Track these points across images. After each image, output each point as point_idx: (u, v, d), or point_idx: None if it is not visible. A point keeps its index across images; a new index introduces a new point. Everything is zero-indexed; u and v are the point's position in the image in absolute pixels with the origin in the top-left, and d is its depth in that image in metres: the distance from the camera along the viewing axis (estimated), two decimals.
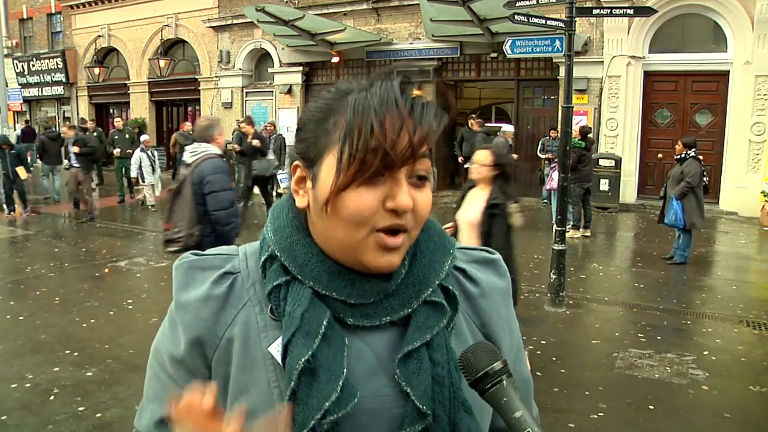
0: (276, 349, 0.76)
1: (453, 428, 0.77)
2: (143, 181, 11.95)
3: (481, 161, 3.86)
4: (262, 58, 17.47)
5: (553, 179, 8.95)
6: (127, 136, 13.09)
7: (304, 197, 0.80)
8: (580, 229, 9.34)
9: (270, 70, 16.99)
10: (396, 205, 0.73)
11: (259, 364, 0.77)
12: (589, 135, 9.67)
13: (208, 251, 0.85)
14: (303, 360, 0.72)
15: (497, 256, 0.92)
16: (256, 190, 10.87)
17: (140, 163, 11.77)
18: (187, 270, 0.83)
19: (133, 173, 11.91)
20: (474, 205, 3.91)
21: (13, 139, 14.04)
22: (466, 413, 0.78)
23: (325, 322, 0.75)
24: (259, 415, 0.74)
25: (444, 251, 0.84)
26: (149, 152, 11.90)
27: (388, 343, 0.79)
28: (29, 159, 12.92)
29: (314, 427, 0.72)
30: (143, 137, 12.58)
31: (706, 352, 4.81)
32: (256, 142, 9.85)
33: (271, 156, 10.24)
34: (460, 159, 13.08)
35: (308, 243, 0.79)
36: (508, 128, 9.95)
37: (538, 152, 12.83)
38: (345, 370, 0.74)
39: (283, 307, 0.77)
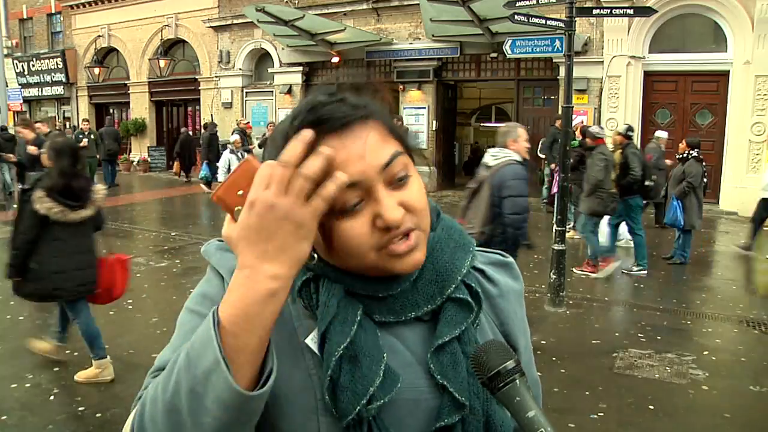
0: (312, 341, 0.76)
1: (487, 420, 0.79)
2: None
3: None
4: (262, 58, 17.47)
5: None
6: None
7: None
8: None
9: (270, 70, 16.99)
10: (386, 222, 0.72)
11: (295, 353, 0.77)
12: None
13: None
14: (342, 346, 0.73)
15: (511, 259, 0.94)
16: None
17: (229, 166, 10.27)
18: (218, 249, 0.84)
19: (221, 177, 10.45)
20: None
21: None
22: (498, 405, 0.79)
23: (359, 311, 0.77)
24: (296, 402, 0.74)
25: (464, 249, 0.85)
26: (239, 154, 10.35)
27: (417, 338, 0.80)
28: None
29: (360, 412, 0.72)
30: (233, 137, 10.89)
31: (706, 352, 4.81)
32: (32, 149, 7.63)
33: None
34: (552, 165, 10.95)
35: (320, 260, 0.79)
36: (661, 134, 9.66)
37: (538, 152, 12.82)
38: (385, 355, 0.75)
39: (316, 299, 0.78)
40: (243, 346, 0.64)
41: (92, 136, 13.23)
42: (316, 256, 0.75)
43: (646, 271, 7.20)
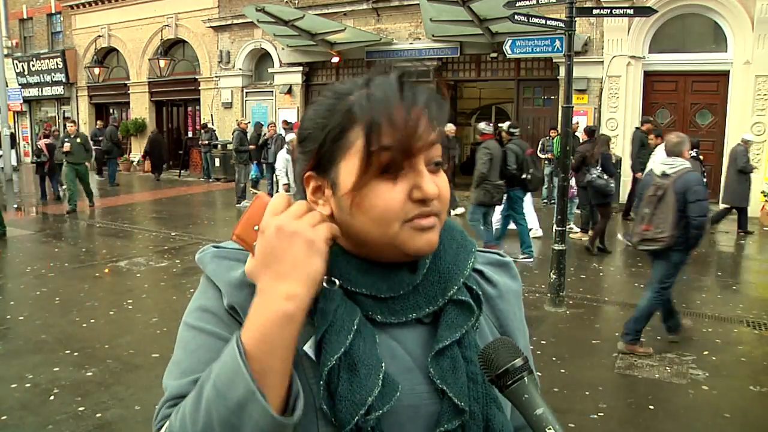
0: (310, 348, 0.76)
1: (487, 424, 0.79)
2: (290, 191, 9.46)
3: None
4: (262, 58, 17.48)
5: (572, 186, 8.91)
6: None
7: (325, 206, 0.79)
8: (589, 232, 9.29)
9: (270, 70, 16.99)
10: (423, 194, 0.74)
11: (294, 360, 0.76)
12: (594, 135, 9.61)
13: (229, 245, 0.84)
14: (336, 356, 0.73)
15: (509, 259, 0.94)
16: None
17: (287, 168, 9.51)
18: (214, 258, 0.82)
19: (283, 180, 9.63)
20: None
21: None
22: (498, 410, 0.80)
23: (357, 319, 0.76)
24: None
25: (466, 250, 0.86)
26: None
27: (418, 341, 0.80)
28: None
29: (358, 423, 0.72)
30: (289, 137, 10.09)
31: (706, 352, 4.81)
32: None
33: None
34: (638, 175, 9.40)
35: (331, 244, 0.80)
36: (748, 137, 9.68)
37: (538, 152, 12.83)
38: (383, 364, 0.75)
39: (314, 305, 0.77)
40: (267, 369, 0.66)
41: (78, 140, 11.69)
42: (336, 281, 0.77)
43: (532, 258, 7.66)
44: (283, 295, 0.67)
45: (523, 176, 7.49)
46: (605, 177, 8.06)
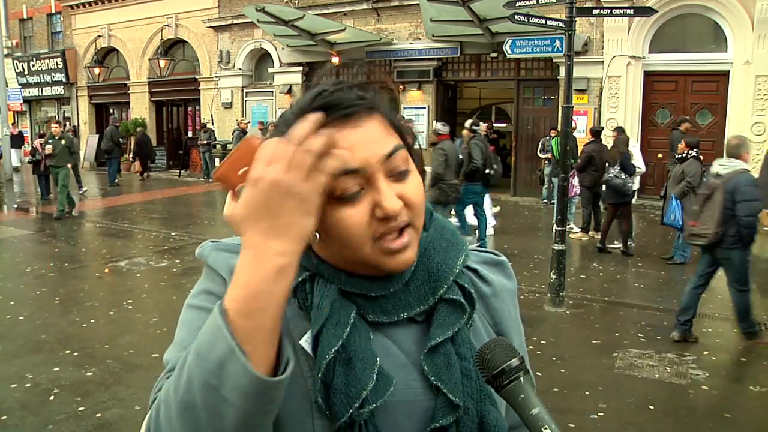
0: (306, 342, 0.76)
1: (481, 420, 0.79)
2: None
3: None
4: (262, 58, 17.48)
5: (574, 186, 8.92)
6: None
7: None
8: (590, 232, 9.29)
9: (270, 70, 16.99)
10: (384, 212, 0.72)
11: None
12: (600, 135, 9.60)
13: (226, 240, 0.85)
14: (334, 349, 0.73)
15: (504, 258, 0.94)
16: None
17: None
18: (213, 250, 0.83)
19: None
20: None
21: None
22: (492, 406, 0.80)
23: (353, 313, 0.76)
24: (291, 403, 0.72)
25: (457, 249, 0.85)
26: None
27: (412, 339, 0.81)
28: None
29: (352, 416, 0.72)
30: None
31: (706, 352, 4.81)
32: None
33: None
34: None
35: (316, 256, 0.80)
36: None
37: (538, 152, 12.84)
38: (378, 358, 0.75)
39: (310, 300, 0.77)
40: (258, 326, 0.62)
41: (63, 142, 11.27)
42: (318, 235, 0.74)
43: (469, 233, 8.17)
44: (276, 251, 0.63)
45: (487, 171, 7.68)
46: (623, 176, 8.07)
